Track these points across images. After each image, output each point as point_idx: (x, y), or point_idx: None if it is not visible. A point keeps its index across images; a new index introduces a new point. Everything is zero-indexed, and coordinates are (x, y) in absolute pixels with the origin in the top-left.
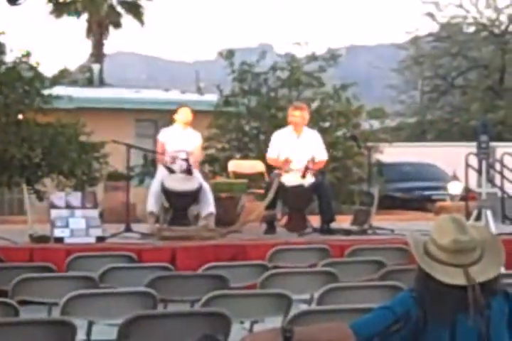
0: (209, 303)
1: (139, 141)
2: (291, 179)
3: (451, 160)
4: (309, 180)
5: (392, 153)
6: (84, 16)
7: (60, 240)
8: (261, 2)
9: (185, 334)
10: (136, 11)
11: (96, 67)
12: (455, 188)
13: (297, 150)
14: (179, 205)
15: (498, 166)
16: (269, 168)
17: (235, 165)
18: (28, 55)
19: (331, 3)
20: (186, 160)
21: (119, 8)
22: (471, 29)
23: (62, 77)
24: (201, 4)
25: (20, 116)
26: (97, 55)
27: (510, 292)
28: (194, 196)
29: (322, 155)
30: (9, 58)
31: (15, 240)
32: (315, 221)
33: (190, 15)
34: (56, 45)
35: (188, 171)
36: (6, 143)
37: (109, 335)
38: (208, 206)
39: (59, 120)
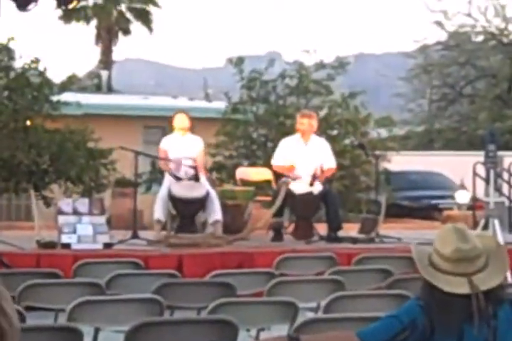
0: (216, 311)
1: (147, 148)
2: (299, 187)
3: (459, 169)
4: (317, 188)
5: (399, 162)
6: (94, 23)
7: (67, 246)
8: (270, 10)
9: None
10: (145, 17)
11: (104, 73)
12: (462, 197)
13: (305, 157)
14: (186, 212)
15: (505, 175)
16: (277, 175)
17: (243, 172)
18: (37, 61)
19: (340, 11)
20: (194, 167)
21: (128, 15)
22: (480, 38)
23: (71, 84)
24: (210, 11)
25: (28, 122)
26: (106, 61)
27: None
28: (201, 203)
29: (331, 163)
30: (18, 64)
31: (22, 246)
32: (322, 229)
33: (199, 23)
34: (65, 51)
35: (195, 178)
36: (14, 148)
37: None
38: (215, 213)
39: (67, 126)
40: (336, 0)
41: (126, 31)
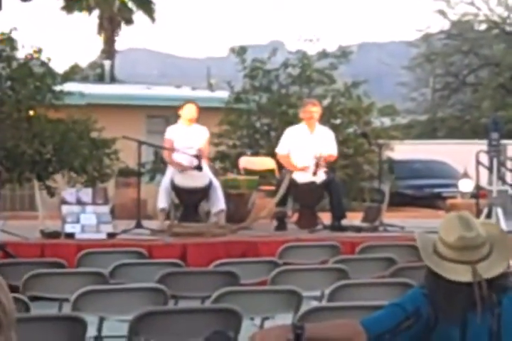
0: (219, 300)
1: (150, 138)
2: (302, 176)
3: (462, 157)
4: (321, 177)
5: (402, 151)
6: (96, 12)
7: (71, 236)
8: None
9: (196, 330)
10: (147, 7)
11: (107, 63)
12: (466, 186)
13: (310, 146)
14: (190, 202)
15: (509, 164)
16: (280, 164)
17: (246, 161)
18: (39, 51)
19: (343, 0)
20: (197, 156)
21: (130, 5)
22: (483, 27)
23: (74, 73)
24: (213, 1)
25: (31, 112)
26: (109, 51)
27: None
28: (204, 193)
29: (332, 150)
30: (21, 54)
31: (26, 236)
32: (326, 218)
33: (202, 12)
34: (67, 42)
35: (199, 168)
36: (17, 138)
37: (119, 331)
38: (219, 203)
39: (70, 116)
40: None
41: (129, 21)
